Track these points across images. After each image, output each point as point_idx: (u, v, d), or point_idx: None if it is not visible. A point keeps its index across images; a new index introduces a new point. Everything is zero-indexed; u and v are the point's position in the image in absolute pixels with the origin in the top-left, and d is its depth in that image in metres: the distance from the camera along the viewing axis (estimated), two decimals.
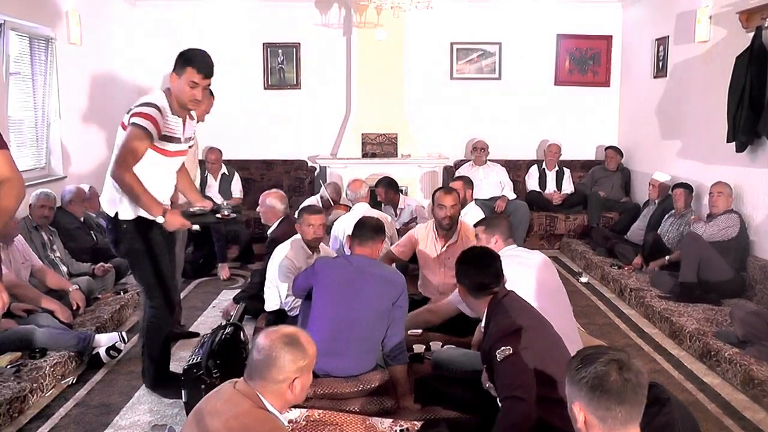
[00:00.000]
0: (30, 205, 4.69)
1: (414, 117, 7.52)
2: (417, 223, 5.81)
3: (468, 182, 5.46)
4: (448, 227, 4.17)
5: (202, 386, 2.89)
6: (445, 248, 4.21)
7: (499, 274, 2.67)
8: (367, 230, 3.23)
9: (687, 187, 5.63)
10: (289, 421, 2.19)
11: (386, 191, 5.92)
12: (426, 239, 4.29)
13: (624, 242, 6.19)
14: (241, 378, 1.88)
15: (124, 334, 4.06)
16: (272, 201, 4.67)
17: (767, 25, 4.75)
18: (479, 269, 2.65)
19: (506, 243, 3.49)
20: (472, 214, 4.84)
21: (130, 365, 3.92)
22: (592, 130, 7.94)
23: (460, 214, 4.36)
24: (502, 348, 2.38)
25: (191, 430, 1.78)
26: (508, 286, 2.71)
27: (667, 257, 5.39)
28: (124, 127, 3.11)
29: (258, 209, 4.85)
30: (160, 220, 3.09)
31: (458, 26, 7.71)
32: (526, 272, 3.25)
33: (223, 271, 5.97)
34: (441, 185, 6.81)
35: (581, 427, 1.61)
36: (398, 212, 5.99)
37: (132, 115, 3.06)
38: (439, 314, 3.71)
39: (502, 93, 7.81)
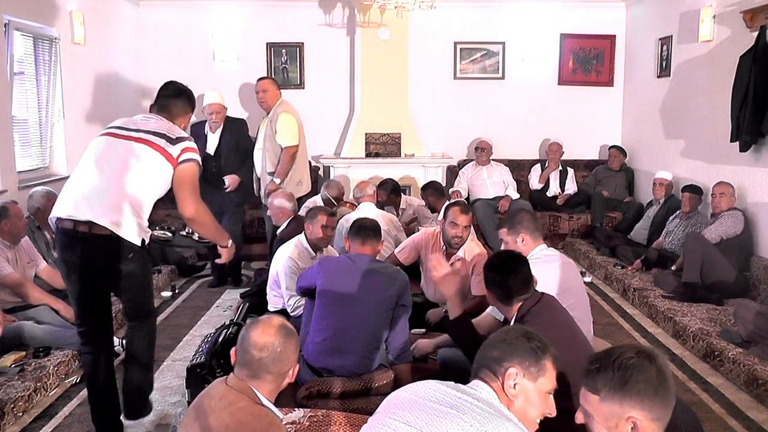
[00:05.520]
0: (37, 208, 4.62)
1: (417, 117, 7.52)
2: (418, 223, 5.83)
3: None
4: (456, 247, 3.95)
5: (206, 386, 2.87)
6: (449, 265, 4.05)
7: (528, 280, 2.58)
8: (369, 230, 3.28)
9: (695, 190, 5.58)
10: (293, 422, 2.19)
11: (388, 196, 5.91)
12: (429, 250, 4.10)
13: (626, 243, 6.18)
14: (231, 374, 1.89)
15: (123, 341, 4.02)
16: (281, 201, 4.69)
17: None
18: (506, 276, 2.57)
19: (535, 241, 3.21)
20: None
21: None
22: (596, 130, 7.93)
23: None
24: None
25: (190, 427, 1.80)
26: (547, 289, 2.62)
27: (673, 267, 5.28)
28: (171, 160, 2.84)
29: (268, 212, 4.88)
30: (228, 244, 3.13)
31: (462, 26, 7.71)
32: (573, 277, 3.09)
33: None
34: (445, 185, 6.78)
35: None
36: (400, 212, 5.98)
37: (187, 150, 2.89)
38: (482, 329, 3.18)
39: (506, 93, 7.81)
